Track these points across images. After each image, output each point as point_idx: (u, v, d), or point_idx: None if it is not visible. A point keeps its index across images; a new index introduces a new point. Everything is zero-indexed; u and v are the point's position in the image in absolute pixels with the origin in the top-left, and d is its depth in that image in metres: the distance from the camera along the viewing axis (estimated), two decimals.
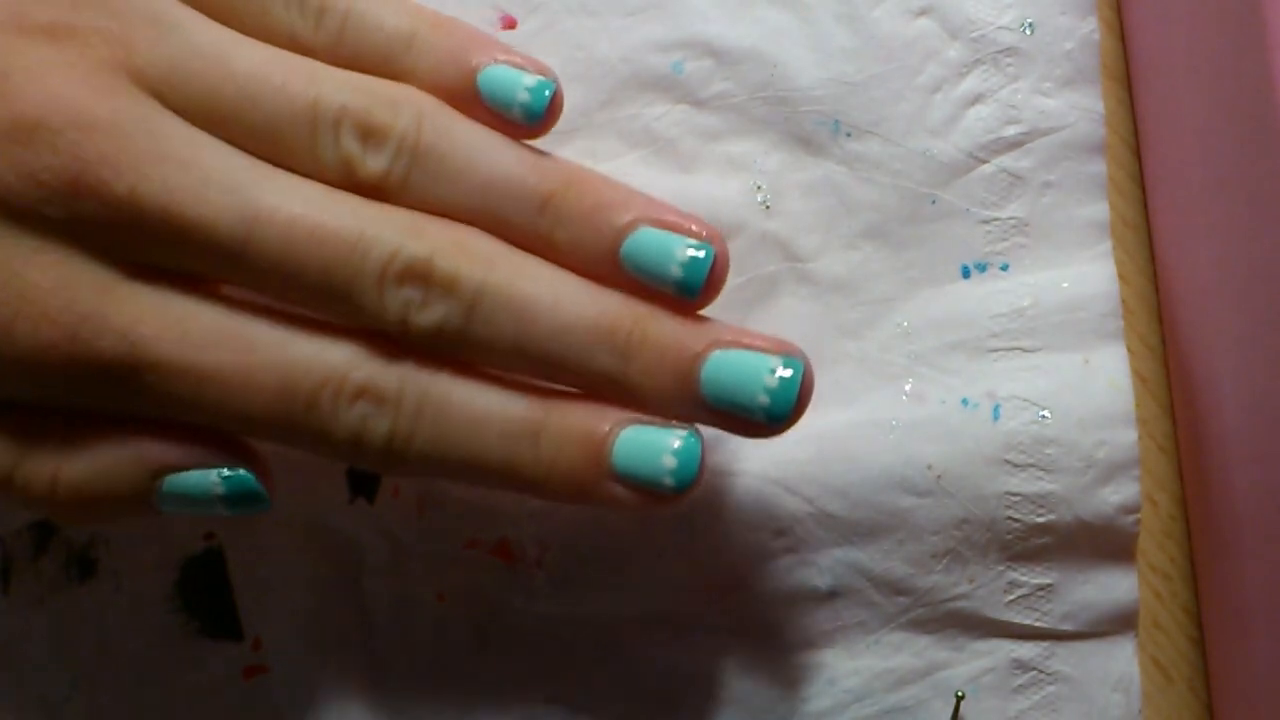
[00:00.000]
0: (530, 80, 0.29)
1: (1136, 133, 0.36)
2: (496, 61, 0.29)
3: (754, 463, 0.32)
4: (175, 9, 0.27)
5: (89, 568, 0.33)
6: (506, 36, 0.34)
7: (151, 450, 0.27)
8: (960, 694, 0.32)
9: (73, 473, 0.27)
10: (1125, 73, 0.36)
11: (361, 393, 0.27)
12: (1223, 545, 0.32)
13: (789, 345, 0.28)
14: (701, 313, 0.29)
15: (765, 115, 0.34)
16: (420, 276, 0.27)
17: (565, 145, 0.33)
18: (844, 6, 0.34)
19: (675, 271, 0.28)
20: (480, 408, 0.27)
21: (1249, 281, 0.29)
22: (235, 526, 0.32)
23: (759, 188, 0.33)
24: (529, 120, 0.29)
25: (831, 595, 0.32)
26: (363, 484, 0.33)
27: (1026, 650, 0.32)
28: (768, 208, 0.33)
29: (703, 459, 0.28)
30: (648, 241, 0.28)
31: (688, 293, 0.28)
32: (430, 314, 0.27)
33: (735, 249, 0.33)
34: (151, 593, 0.33)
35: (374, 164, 0.27)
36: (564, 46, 0.34)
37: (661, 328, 0.28)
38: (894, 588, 0.32)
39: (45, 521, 0.33)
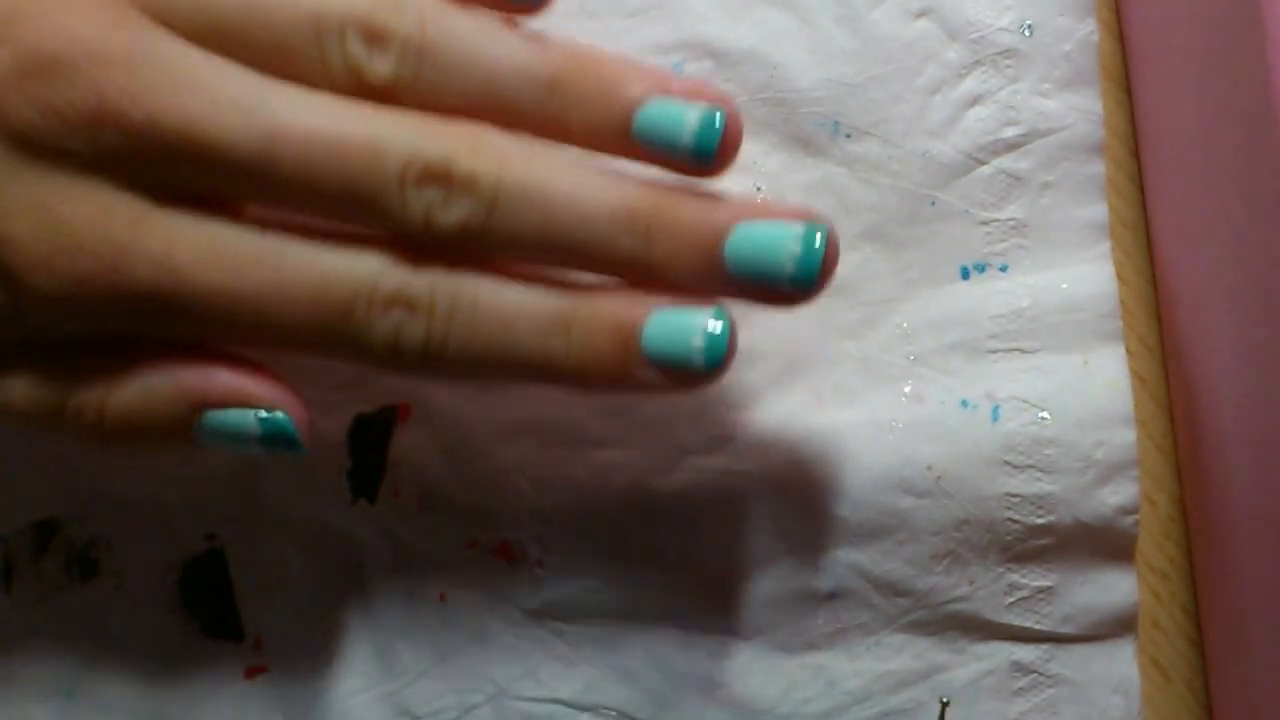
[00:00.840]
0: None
1: (1135, 134, 0.36)
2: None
3: (755, 463, 0.32)
4: None
5: (90, 568, 0.33)
6: None
7: (193, 384, 0.28)
8: (945, 700, 0.32)
9: (119, 403, 0.28)
10: (1124, 74, 0.36)
11: (394, 300, 0.27)
12: (1221, 545, 0.32)
13: (811, 211, 0.28)
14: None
15: (765, 116, 0.34)
16: (440, 177, 0.27)
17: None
18: (843, 8, 0.34)
19: (689, 138, 0.28)
20: (510, 305, 0.28)
21: (1247, 282, 0.29)
22: (236, 527, 0.32)
23: (759, 189, 0.34)
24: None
25: (832, 596, 0.33)
26: (364, 485, 0.33)
27: (1026, 653, 0.32)
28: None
29: (732, 337, 0.28)
30: (658, 112, 0.28)
31: (703, 158, 0.28)
32: (453, 212, 0.27)
33: None
34: (153, 593, 0.33)
35: (381, 67, 0.27)
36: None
37: (682, 207, 0.28)
38: (894, 589, 0.32)
39: (47, 521, 0.33)
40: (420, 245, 0.28)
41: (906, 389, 0.33)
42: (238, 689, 0.33)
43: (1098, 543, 0.32)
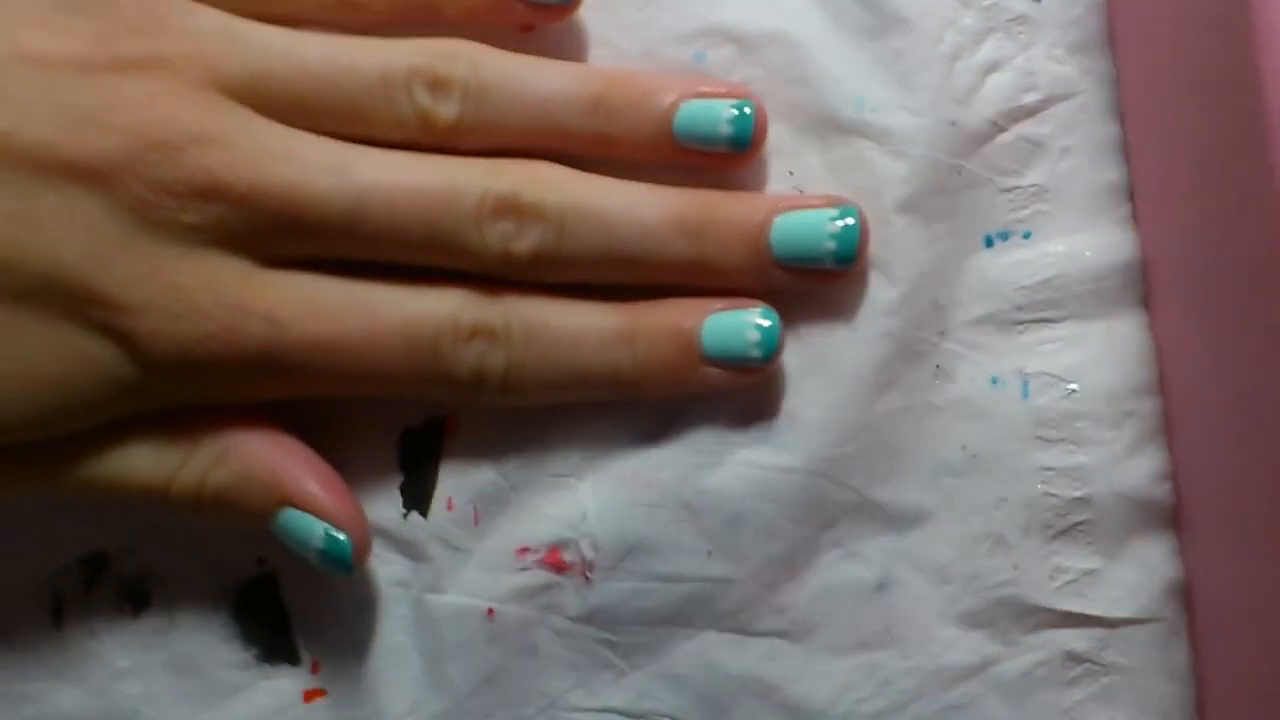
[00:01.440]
0: None
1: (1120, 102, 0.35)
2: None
3: (798, 457, 0.32)
4: (240, 24, 0.30)
5: (142, 600, 0.33)
6: (525, 37, 0.33)
7: (285, 481, 0.30)
8: None
9: (216, 482, 0.30)
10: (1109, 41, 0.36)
11: (475, 332, 0.30)
12: (1205, 522, 0.32)
13: (840, 197, 0.31)
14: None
15: (791, 98, 0.33)
16: (511, 209, 0.30)
17: None
18: None
19: (725, 130, 0.31)
20: (576, 325, 0.31)
21: (1230, 280, 0.29)
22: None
23: (790, 172, 0.33)
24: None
25: (880, 588, 0.33)
26: (416, 498, 0.33)
27: (1080, 642, 0.32)
28: (800, 191, 0.33)
29: (781, 329, 0.31)
30: (695, 113, 0.31)
31: (740, 145, 0.31)
32: (527, 240, 0.30)
33: None
34: (206, 622, 0.33)
35: (447, 110, 0.30)
36: (585, 44, 0.33)
37: (725, 205, 0.31)
38: (940, 576, 0.32)
39: (95, 555, 0.33)
40: (490, 281, 0.31)
41: (937, 366, 0.33)
42: (298, 713, 0.33)
43: (1136, 514, 0.32)
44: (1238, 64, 0.27)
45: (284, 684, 0.33)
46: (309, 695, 0.33)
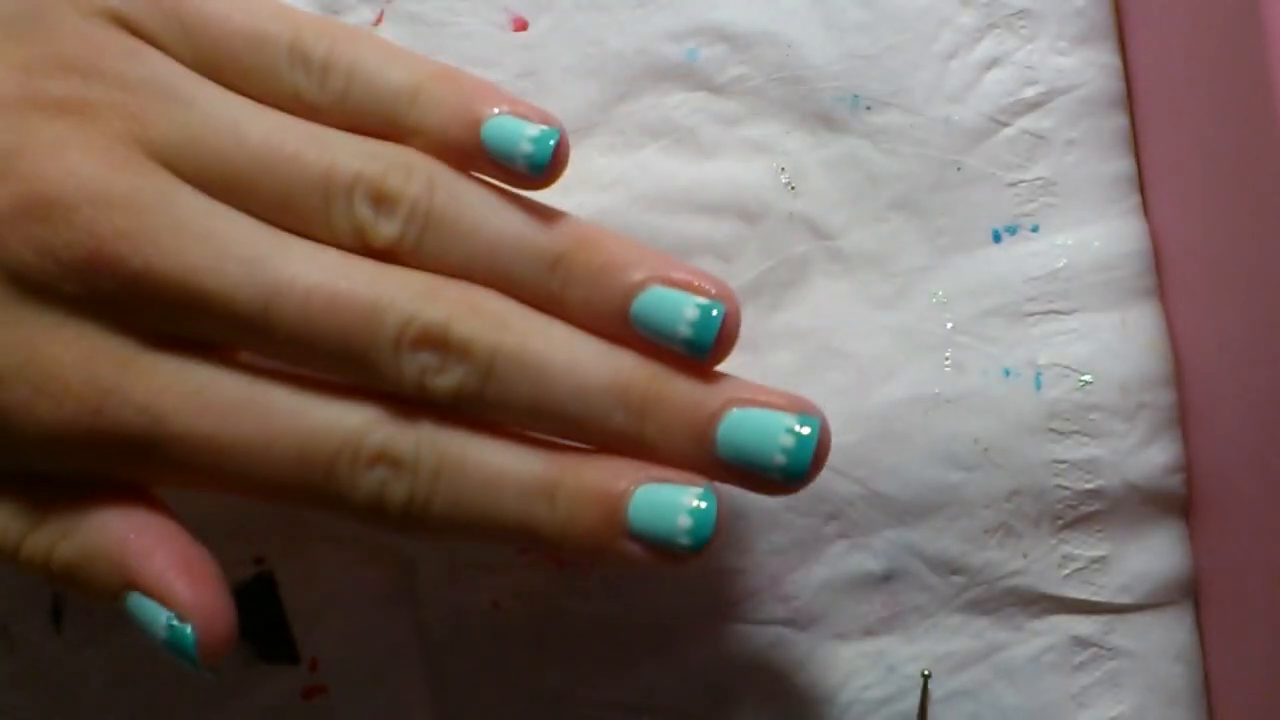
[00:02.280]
0: (533, 131, 0.28)
1: (1130, 94, 0.35)
2: (501, 113, 0.28)
3: None
4: (186, 81, 0.27)
5: None
6: (519, 37, 0.34)
7: (130, 561, 0.27)
8: (926, 672, 0.32)
9: (63, 555, 0.27)
10: (1119, 33, 0.35)
11: (379, 457, 0.27)
12: (1220, 517, 0.32)
13: (804, 402, 0.28)
14: (719, 369, 0.28)
15: (783, 96, 0.33)
16: (437, 341, 0.27)
17: (586, 141, 0.33)
18: None
19: (684, 331, 0.27)
20: (496, 467, 0.27)
21: (1248, 275, 0.29)
22: (284, 548, 0.32)
23: (782, 169, 0.33)
24: (533, 171, 0.28)
25: (886, 578, 0.32)
26: None
27: (1086, 627, 0.32)
28: (793, 188, 0.33)
29: (720, 517, 0.27)
30: (657, 300, 0.28)
31: (697, 352, 0.27)
32: (447, 378, 0.27)
33: (763, 232, 0.33)
34: None
35: (387, 230, 0.27)
36: (577, 43, 0.33)
37: (677, 387, 0.28)
38: (948, 567, 0.32)
39: None
40: (412, 400, 0.27)
41: (947, 357, 0.32)
42: (297, 711, 0.33)
43: (1148, 504, 0.32)
44: (1249, 54, 0.27)
45: (283, 682, 0.33)
46: (308, 692, 0.33)
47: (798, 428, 0.27)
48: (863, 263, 0.33)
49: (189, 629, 0.26)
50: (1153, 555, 0.32)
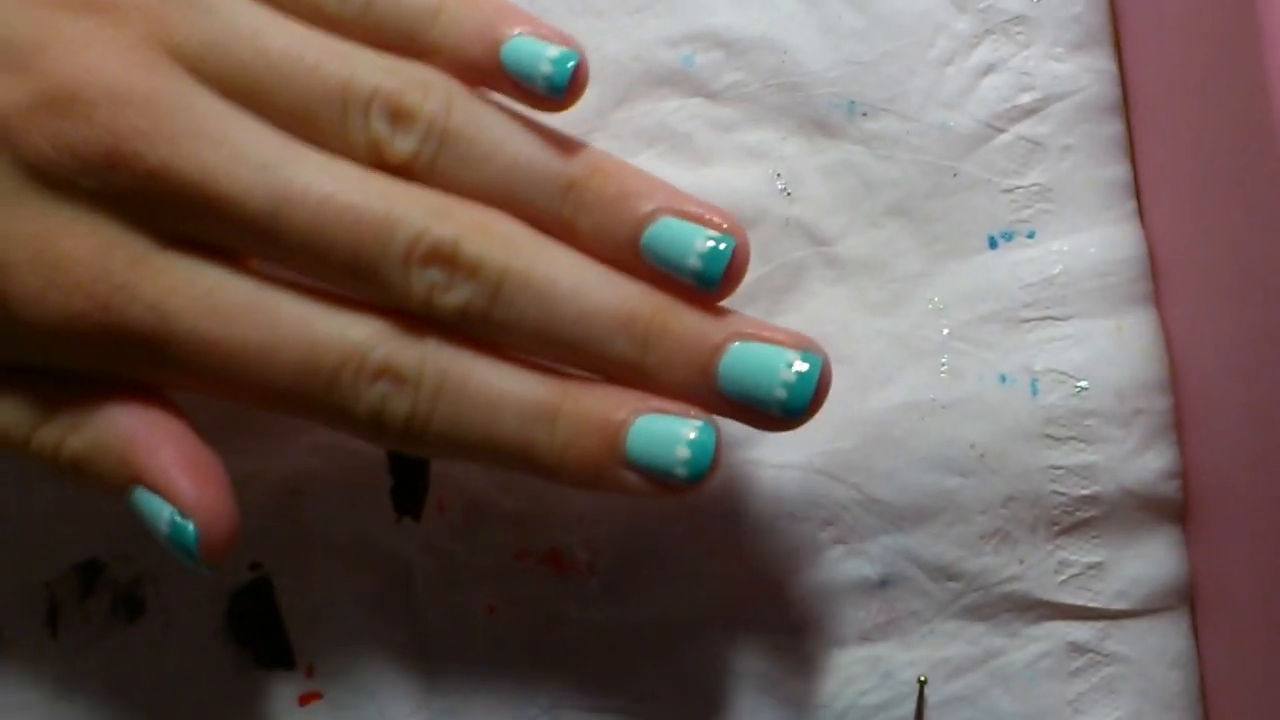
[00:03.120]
0: (553, 52, 0.28)
1: (1126, 99, 0.35)
2: (521, 34, 0.28)
3: (799, 454, 0.32)
4: None
5: (137, 607, 0.33)
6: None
7: (137, 456, 0.27)
8: (922, 678, 0.32)
9: (72, 448, 0.28)
10: (1114, 38, 0.35)
11: (382, 371, 0.27)
12: (1217, 535, 0.32)
13: (808, 340, 0.28)
14: (725, 305, 0.28)
15: (779, 102, 0.33)
16: (446, 259, 0.27)
17: None
18: None
19: (694, 262, 0.28)
20: (498, 389, 0.27)
21: (1244, 281, 0.29)
22: (281, 553, 0.32)
23: (778, 175, 0.33)
24: (552, 92, 0.28)
25: (883, 584, 0.32)
26: (407, 502, 0.33)
27: (1082, 633, 0.32)
28: (789, 194, 0.33)
29: (718, 450, 0.27)
30: (668, 231, 0.28)
31: (706, 284, 0.28)
32: (454, 296, 0.27)
33: (759, 237, 0.33)
34: (202, 627, 0.33)
35: (402, 145, 0.28)
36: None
37: (682, 318, 0.28)
38: (944, 573, 0.32)
39: (90, 562, 0.33)
40: (418, 317, 0.27)
41: (944, 364, 0.33)
42: (294, 717, 0.32)
43: (1144, 510, 0.32)
44: (1245, 61, 0.27)
45: (279, 688, 0.33)
46: (304, 699, 0.33)
47: (799, 364, 0.27)
48: (859, 268, 0.33)
49: (190, 525, 0.27)
50: (1149, 561, 0.32)
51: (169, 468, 0.27)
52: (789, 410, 0.27)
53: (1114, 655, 0.32)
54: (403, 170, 0.28)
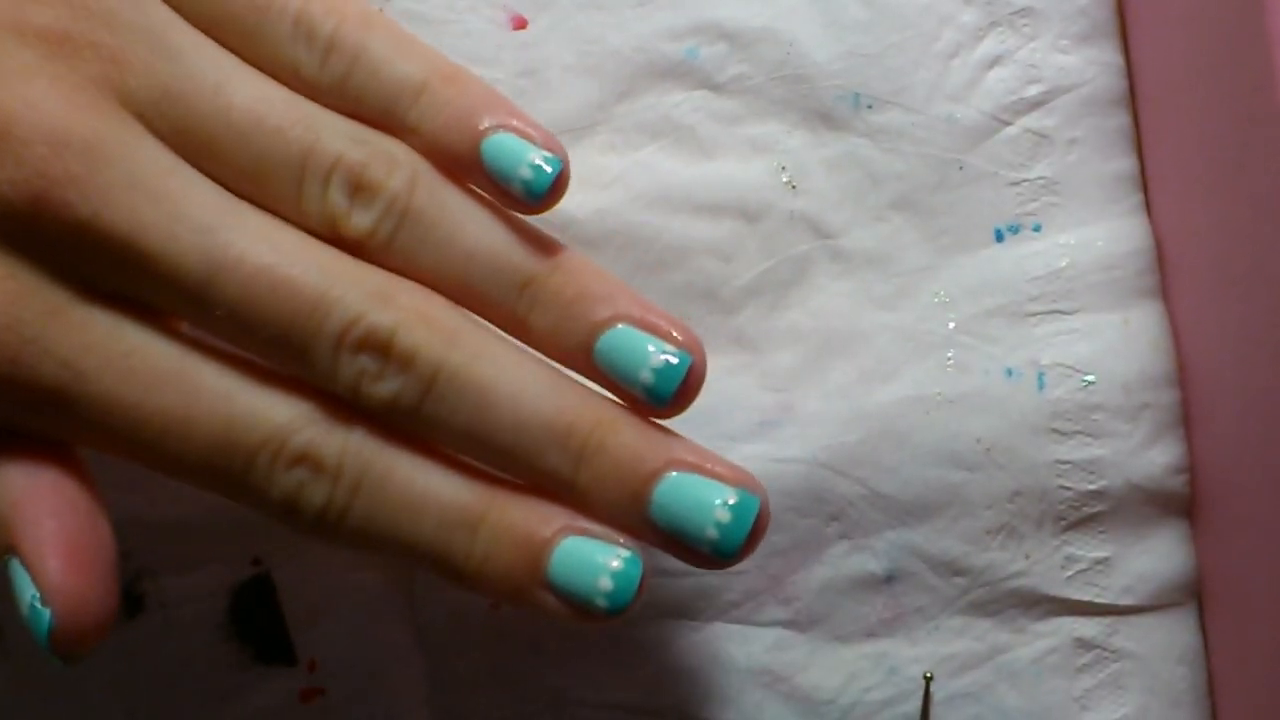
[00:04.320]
0: (536, 158, 0.27)
1: (1133, 92, 0.35)
2: (505, 129, 0.27)
3: (803, 448, 0.32)
4: (179, 33, 0.26)
5: (137, 603, 0.33)
6: (518, 36, 0.33)
7: (15, 525, 0.25)
8: (928, 674, 0.32)
9: None
10: (1121, 31, 0.35)
11: (301, 458, 0.26)
12: (1225, 531, 0.32)
13: (748, 478, 0.27)
14: (671, 425, 0.28)
15: (784, 95, 0.33)
16: (379, 347, 0.26)
17: (586, 140, 0.33)
18: None
19: (646, 376, 0.26)
20: (420, 489, 0.26)
21: (1251, 274, 0.29)
22: (283, 549, 0.32)
23: (783, 168, 0.33)
24: (529, 198, 0.27)
25: (888, 580, 0.32)
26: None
27: (1088, 628, 0.32)
28: (793, 187, 0.33)
29: (643, 582, 0.26)
30: (623, 341, 0.27)
31: (656, 400, 0.27)
32: (384, 387, 0.26)
33: (763, 231, 0.33)
34: (202, 623, 0.33)
35: (359, 221, 0.26)
36: (577, 42, 0.33)
37: (620, 437, 0.26)
38: (950, 568, 0.32)
39: None
40: (347, 403, 0.26)
41: (949, 358, 0.32)
42: (296, 713, 0.32)
43: (1151, 505, 0.32)
44: (1252, 53, 0.27)
45: (281, 684, 0.32)
46: (306, 695, 0.32)
47: (734, 502, 0.26)
48: (864, 262, 0.33)
49: (47, 614, 0.25)
50: (1156, 556, 0.32)
51: (43, 543, 0.25)
52: (719, 551, 0.26)
53: (1121, 651, 0.32)
54: (356, 247, 0.26)
